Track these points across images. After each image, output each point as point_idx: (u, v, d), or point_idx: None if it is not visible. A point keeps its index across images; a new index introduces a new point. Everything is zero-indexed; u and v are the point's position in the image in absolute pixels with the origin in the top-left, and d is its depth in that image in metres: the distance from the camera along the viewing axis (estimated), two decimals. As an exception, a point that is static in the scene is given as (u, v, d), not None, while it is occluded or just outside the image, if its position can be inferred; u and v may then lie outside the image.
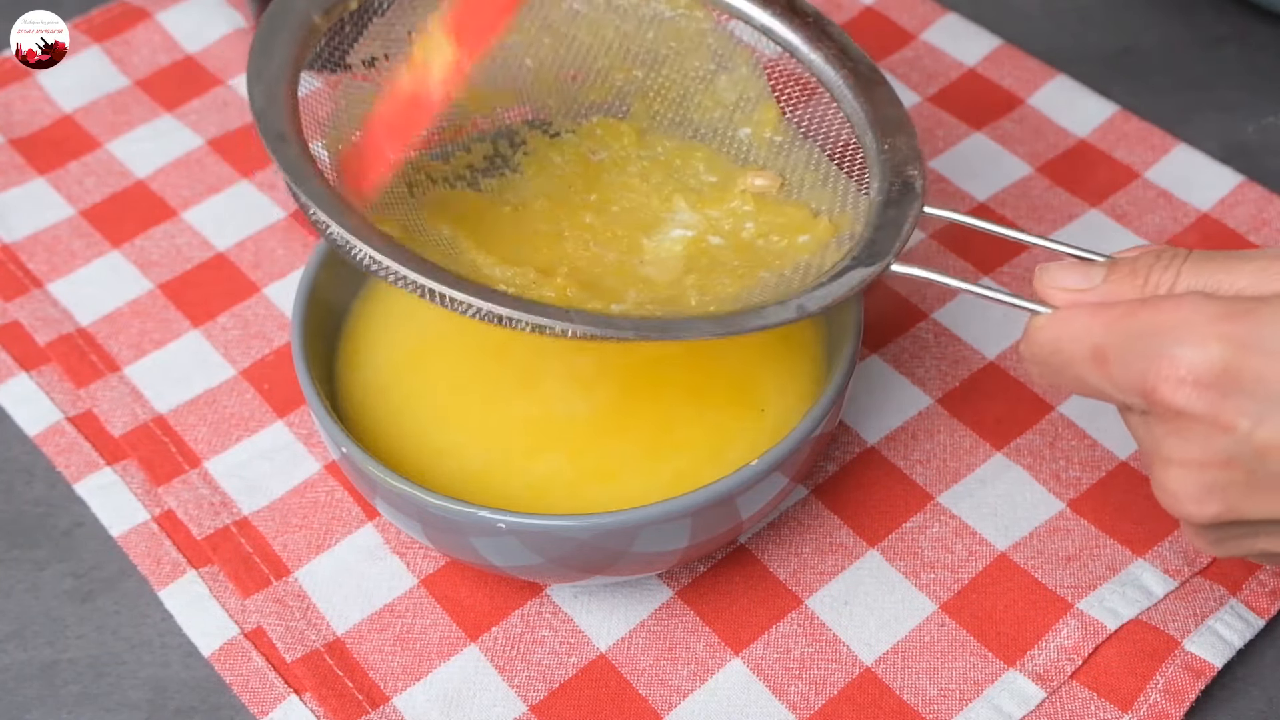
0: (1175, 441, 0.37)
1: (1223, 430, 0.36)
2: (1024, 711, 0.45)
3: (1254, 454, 0.36)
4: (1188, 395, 0.36)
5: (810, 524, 0.50)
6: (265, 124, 0.42)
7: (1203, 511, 0.37)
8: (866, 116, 0.48)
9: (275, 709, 0.46)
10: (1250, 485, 0.36)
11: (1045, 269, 0.41)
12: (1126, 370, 0.37)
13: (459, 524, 0.43)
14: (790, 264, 0.46)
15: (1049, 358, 0.40)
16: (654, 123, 0.51)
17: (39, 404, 0.55)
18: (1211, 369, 0.36)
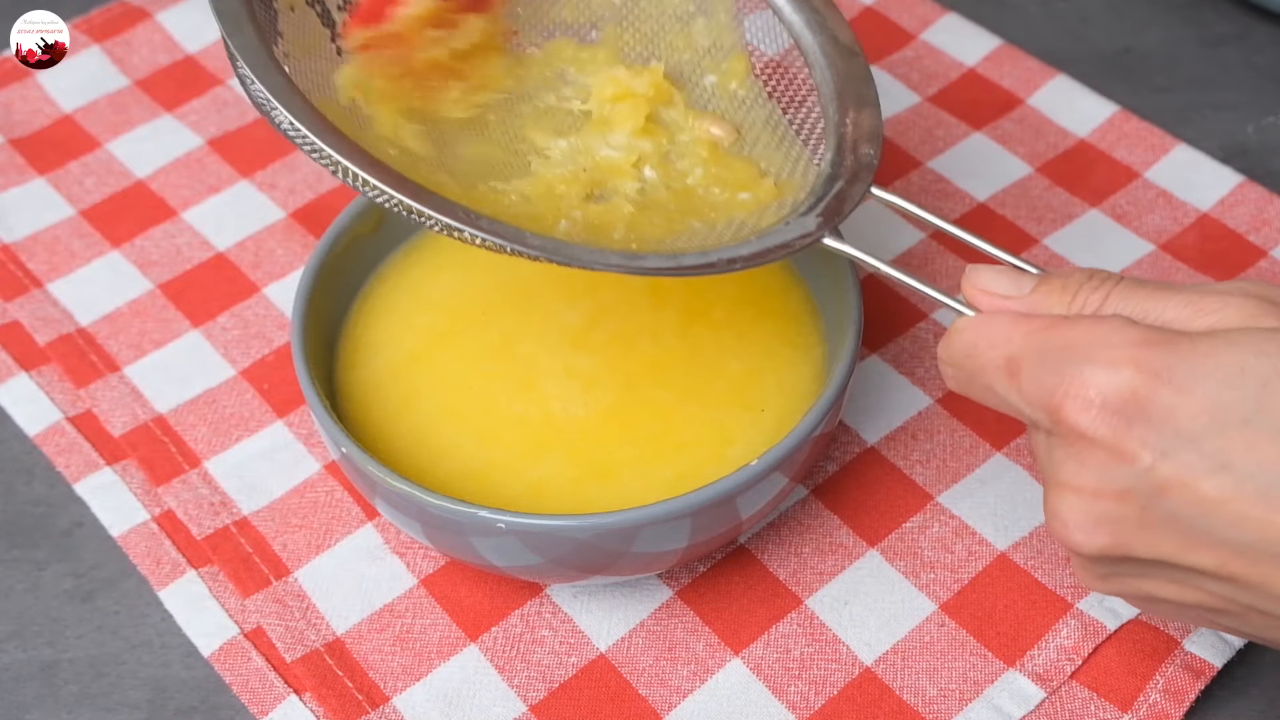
0: (1073, 467, 0.36)
1: (1122, 460, 0.35)
2: (1024, 711, 0.45)
3: (1150, 489, 0.35)
4: (1092, 418, 0.35)
5: (810, 524, 0.50)
6: (220, 6, 0.41)
7: (1090, 542, 0.36)
8: (835, 87, 0.47)
9: (275, 709, 0.46)
10: (1142, 522, 0.35)
11: (975, 270, 0.40)
12: (1036, 384, 0.36)
13: (459, 524, 0.43)
14: (725, 218, 0.45)
15: (964, 361, 0.39)
16: (621, 55, 0.49)
17: (39, 404, 0.55)
18: (1120, 394, 0.34)
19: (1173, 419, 0.34)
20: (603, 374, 0.50)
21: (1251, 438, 0.33)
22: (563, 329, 0.51)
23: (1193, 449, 0.34)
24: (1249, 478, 0.33)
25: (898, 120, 0.65)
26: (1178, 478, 0.34)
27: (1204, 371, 0.34)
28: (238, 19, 0.41)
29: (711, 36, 0.49)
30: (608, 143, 0.47)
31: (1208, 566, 0.35)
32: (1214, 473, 0.34)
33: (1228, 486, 0.34)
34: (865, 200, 0.44)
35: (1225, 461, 0.34)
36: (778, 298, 0.52)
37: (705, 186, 0.47)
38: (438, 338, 0.51)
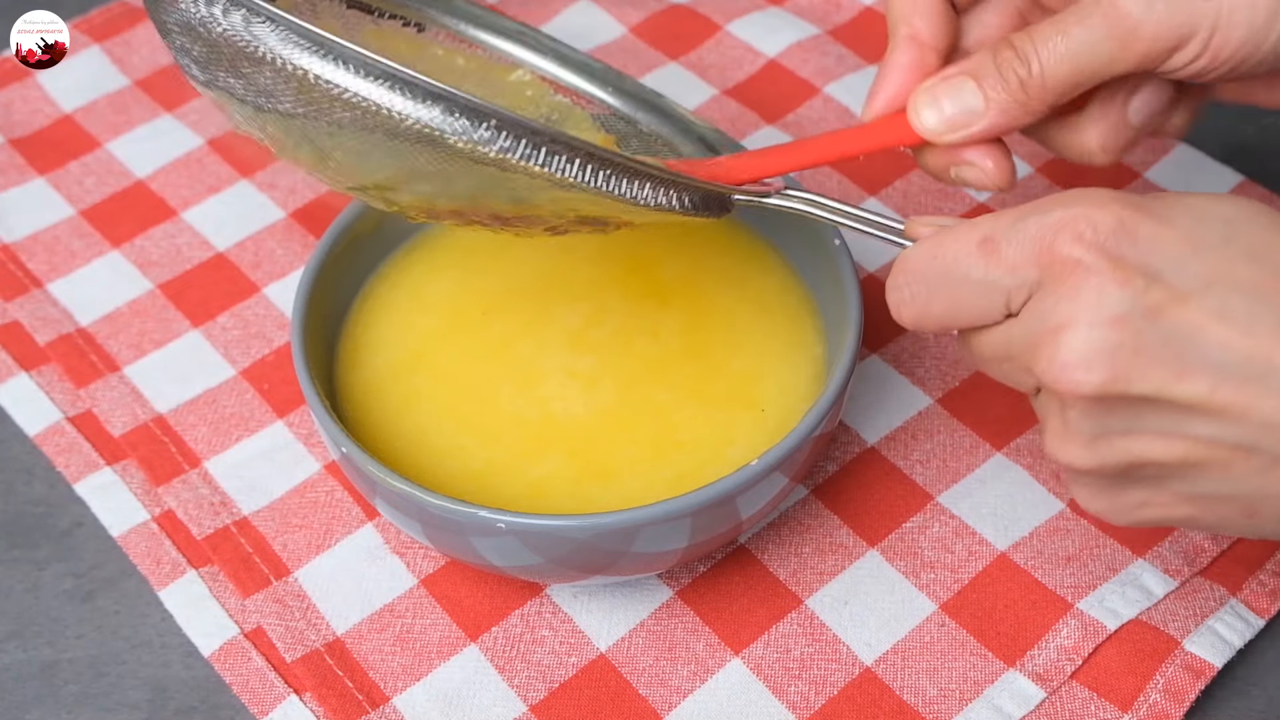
0: (1067, 305, 0.36)
1: (1117, 285, 0.36)
2: (1024, 711, 0.45)
3: (1145, 313, 0.36)
4: (1085, 247, 0.36)
5: (810, 524, 0.50)
6: None
7: (1090, 377, 0.36)
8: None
9: (275, 709, 0.46)
10: (1138, 349, 0.36)
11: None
12: (1021, 243, 0.37)
13: (459, 524, 0.43)
14: None
15: (926, 266, 0.39)
16: None
17: (39, 404, 0.55)
18: (1108, 223, 0.36)
19: (1159, 243, 0.36)
20: (603, 374, 0.50)
21: (1230, 259, 0.36)
22: (563, 329, 0.51)
23: (1180, 270, 0.36)
24: (1230, 295, 0.36)
25: (898, 120, 0.64)
26: (1168, 298, 0.36)
27: (1179, 208, 0.37)
28: None
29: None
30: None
31: (1198, 395, 0.36)
32: (1200, 292, 0.36)
33: (1213, 305, 0.35)
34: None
35: (1209, 282, 0.36)
36: (778, 297, 0.52)
37: None
38: (438, 338, 0.51)
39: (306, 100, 0.38)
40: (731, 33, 0.68)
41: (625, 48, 0.68)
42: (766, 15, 0.69)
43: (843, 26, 0.69)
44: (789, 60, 0.67)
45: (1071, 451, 0.39)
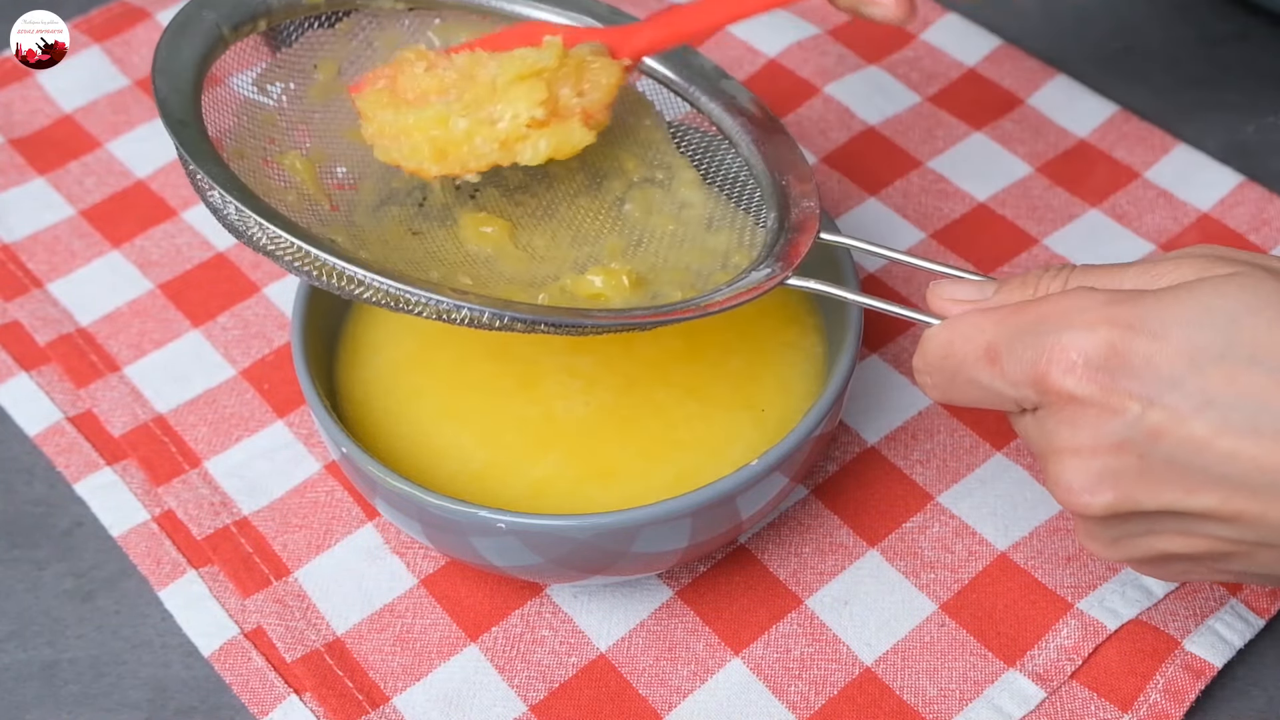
0: (1067, 430, 0.37)
1: (1113, 413, 0.36)
2: (1024, 711, 0.45)
3: (1145, 437, 0.36)
4: (1078, 379, 0.36)
5: (810, 524, 0.50)
6: (167, 110, 0.43)
7: (1097, 500, 0.37)
8: (763, 158, 0.50)
9: (275, 709, 0.46)
10: (1143, 471, 0.36)
11: (938, 284, 0.42)
12: (1018, 363, 0.38)
13: (459, 524, 0.43)
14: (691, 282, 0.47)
15: (942, 362, 0.40)
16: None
17: (39, 404, 0.55)
18: (1099, 351, 0.36)
19: (1153, 366, 0.35)
20: (603, 373, 0.50)
21: (1229, 371, 0.35)
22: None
23: (1176, 391, 0.35)
24: (1233, 410, 0.35)
25: (898, 120, 0.65)
26: (1168, 421, 0.35)
27: (1173, 317, 0.36)
28: (202, 151, 0.43)
29: (656, 157, 0.51)
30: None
31: (1211, 507, 0.36)
32: (1200, 410, 0.35)
33: (1215, 422, 0.35)
34: (814, 242, 0.46)
35: (1209, 398, 0.35)
36: (778, 297, 0.52)
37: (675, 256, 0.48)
38: (438, 338, 0.51)
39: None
40: (731, 33, 0.68)
41: (625, 48, 0.68)
42: (766, 15, 0.69)
43: (843, 26, 0.69)
44: (789, 60, 0.67)
45: (1097, 549, 0.40)
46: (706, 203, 0.50)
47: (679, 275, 0.47)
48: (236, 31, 0.48)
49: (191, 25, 0.47)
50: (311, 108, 0.49)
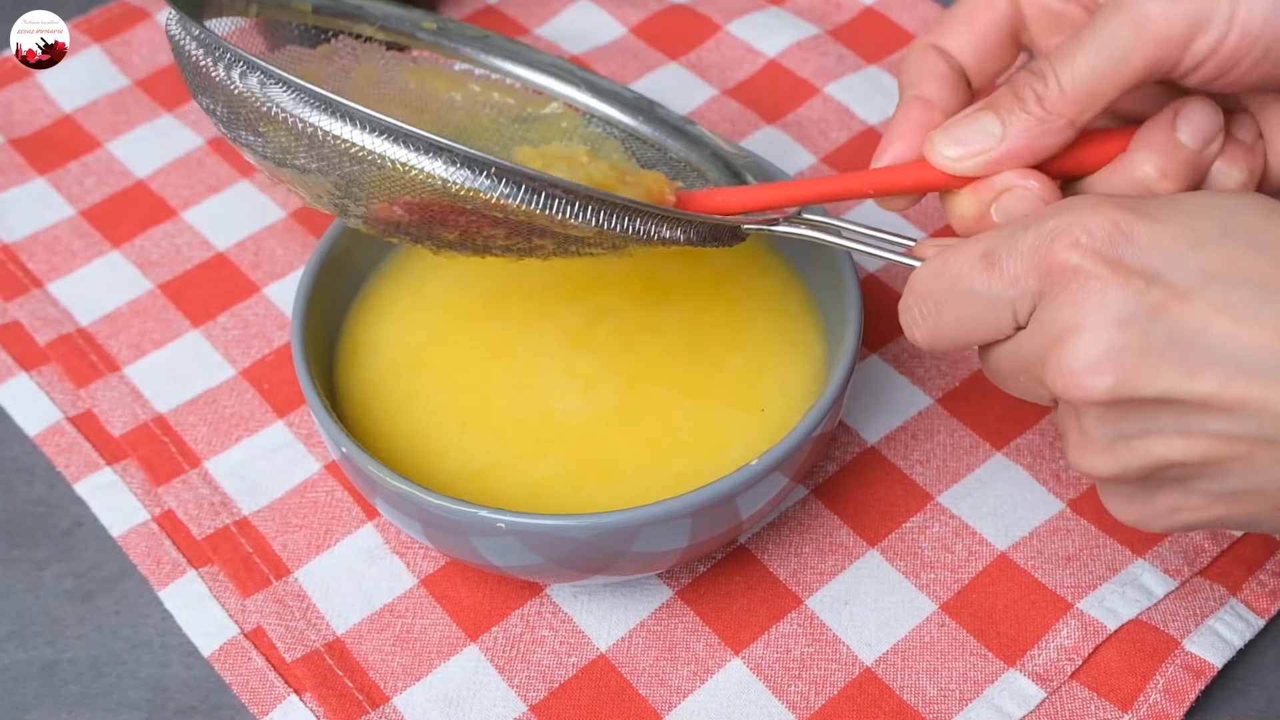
0: (1069, 310, 0.37)
1: (1117, 287, 0.36)
2: (1024, 711, 0.45)
3: (1148, 312, 0.35)
4: (1083, 253, 0.36)
5: (810, 524, 0.50)
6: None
7: (1099, 382, 0.36)
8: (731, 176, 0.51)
9: (275, 709, 0.46)
10: (1145, 350, 0.36)
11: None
12: (1018, 252, 0.37)
13: (459, 524, 0.43)
14: None
15: (932, 284, 0.40)
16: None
17: (39, 404, 0.55)
18: (1103, 228, 0.36)
19: (1157, 242, 0.36)
20: (603, 373, 0.50)
21: (1229, 252, 0.36)
22: (563, 328, 0.51)
23: (1178, 268, 0.36)
24: (1233, 289, 0.35)
25: (898, 120, 0.65)
26: (1170, 297, 0.35)
27: (1173, 205, 0.37)
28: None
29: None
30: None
31: (1211, 391, 0.35)
32: (1201, 287, 0.35)
33: (1216, 299, 0.35)
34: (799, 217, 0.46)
35: (1210, 275, 0.35)
36: (778, 297, 0.52)
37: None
38: (438, 338, 0.51)
39: (318, 155, 0.40)
40: (731, 33, 0.68)
41: (625, 48, 0.68)
42: (766, 15, 0.69)
43: (843, 26, 0.69)
44: (789, 60, 0.67)
45: (1092, 460, 0.38)
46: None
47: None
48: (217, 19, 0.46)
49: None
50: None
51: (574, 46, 0.68)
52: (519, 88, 0.54)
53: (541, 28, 0.69)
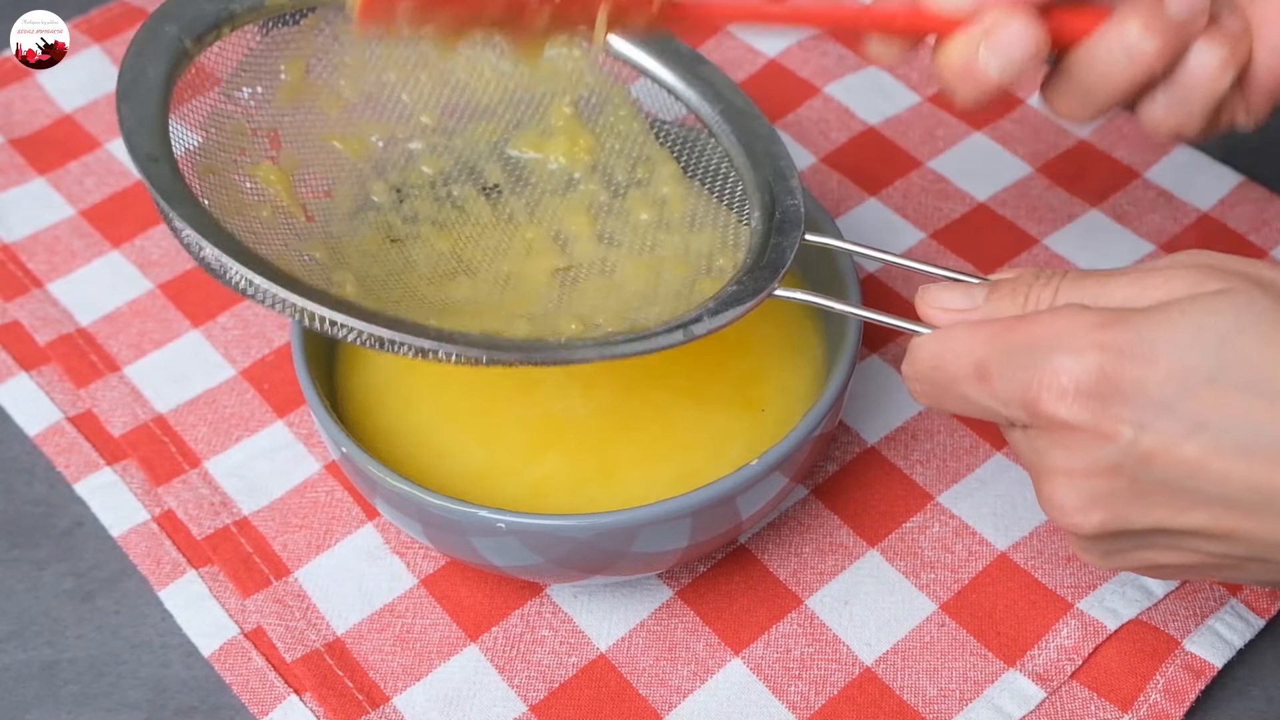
0: (1059, 453, 0.37)
1: (1105, 438, 0.36)
2: (1024, 711, 0.45)
3: (1138, 461, 0.35)
4: (1069, 405, 0.36)
5: (810, 524, 0.50)
6: (134, 144, 0.42)
7: (1088, 521, 0.37)
8: (744, 150, 0.48)
9: (275, 709, 0.46)
10: (1134, 493, 0.36)
11: (926, 289, 0.41)
12: (1008, 384, 0.37)
13: (459, 524, 0.43)
14: (673, 292, 0.46)
15: (931, 374, 0.40)
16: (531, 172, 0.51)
17: (39, 404, 0.55)
18: (1090, 377, 0.35)
19: (1144, 390, 0.35)
20: (602, 374, 0.50)
21: (1220, 394, 0.35)
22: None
23: (1168, 415, 0.35)
24: (1225, 433, 0.35)
25: (898, 120, 0.65)
26: (1160, 445, 0.35)
27: (1163, 340, 0.35)
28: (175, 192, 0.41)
29: (630, 145, 0.51)
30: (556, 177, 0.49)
31: (1202, 525, 0.36)
32: (1192, 434, 0.35)
33: (1207, 445, 0.35)
34: (800, 244, 0.45)
35: (1201, 421, 0.35)
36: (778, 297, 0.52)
37: (652, 257, 0.48)
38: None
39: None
40: (731, 33, 0.68)
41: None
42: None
43: (843, 26, 0.69)
44: (789, 60, 0.67)
45: (1090, 559, 0.40)
46: (688, 199, 0.49)
47: (663, 283, 0.47)
48: (199, 43, 0.46)
49: (153, 43, 0.45)
50: (281, 110, 0.48)
51: (574, 46, 0.68)
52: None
53: (541, 28, 0.69)
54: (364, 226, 0.47)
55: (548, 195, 0.50)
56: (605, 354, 0.41)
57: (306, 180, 0.47)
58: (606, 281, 0.47)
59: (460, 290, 0.46)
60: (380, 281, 0.46)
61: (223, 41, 0.47)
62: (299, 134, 0.49)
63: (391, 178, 0.49)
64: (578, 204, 0.49)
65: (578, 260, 0.48)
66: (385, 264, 0.46)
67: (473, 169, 0.50)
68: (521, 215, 0.49)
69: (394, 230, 0.48)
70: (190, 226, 0.40)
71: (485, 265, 0.47)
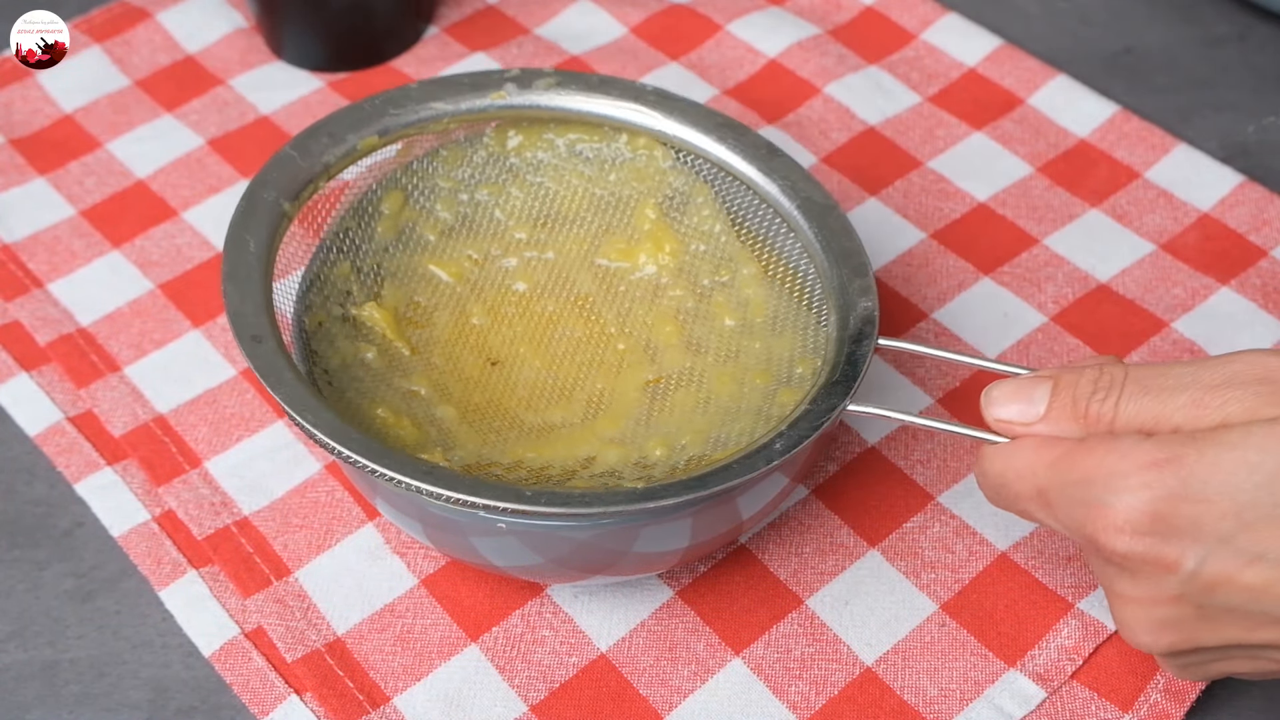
0: (1125, 581, 0.39)
1: (1167, 570, 0.37)
2: (1024, 711, 0.45)
3: (1200, 590, 0.37)
4: (1127, 542, 0.37)
5: (811, 524, 0.50)
6: (239, 325, 0.44)
7: (1158, 643, 0.39)
8: (820, 246, 0.49)
9: (276, 709, 0.46)
10: (1201, 617, 0.38)
11: (989, 399, 0.42)
12: (1069, 515, 0.39)
13: (459, 524, 0.43)
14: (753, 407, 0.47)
15: (999, 489, 0.41)
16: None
17: (39, 404, 0.55)
18: (1145, 517, 0.37)
19: (1201, 528, 0.36)
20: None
21: (1276, 527, 0.36)
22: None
23: (1227, 548, 0.36)
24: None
25: (898, 120, 0.65)
26: (1222, 575, 0.37)
27: (1216, 480, 0.36)
28: (279, 374, 0.44)
29: (714, 245, 0.52)
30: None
31: (1273, 638, 0.37)
32: (1252, 563, 0.36)
33: (1266, 573, 0.36)
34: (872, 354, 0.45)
35: (1259, 552, 0.36)
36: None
37: (736, 365, 0.49)
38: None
39: None
40: (731, 33, 0.68)
41: (625, 48, 0.68)
42: (766, 15, 0.69)
43: (843, 26, 0.69)
44: (789, 60, 0.67)
45: (1170, 672, 0.42)
46: (769, 301, 0.50)
47: (745, 396, 0.47)
48: (297, 201, 0.49)
49: (254, 211, 0.47)
50: (383, 244, 0.51)
51: (574, 47, 0.68)
52: (601, 124, 0.53)
53: (541, 28, 0.69)
54: (465, 351, 0.49)
55: (637, 304, 0.51)
56: (692, 499, 0.42)
57: (408, 314, 0.50)
58: (693, 395, 0.48)
59: (556, 413, 0.48)
60: (480, 410, 0.48)
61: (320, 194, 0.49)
62: (400, 265, 0.51)
63: (489, 297, 0.51)
64: (666, 310, 0.51)
65: (667, 370, 0.49)
66: (486, 390, 0.48)
67: (566, 280, 0.52)
68: (613, 326, 0.50)
69: (493, 353, 0.50)
70: (290, 406, 0.42)
71: (580, 383, 0.49)
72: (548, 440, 0.47)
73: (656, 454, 0.46)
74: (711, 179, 0.53)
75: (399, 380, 0.48)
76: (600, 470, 0.46)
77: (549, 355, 0.50)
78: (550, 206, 0.53)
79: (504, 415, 0.48)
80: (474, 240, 0.52)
